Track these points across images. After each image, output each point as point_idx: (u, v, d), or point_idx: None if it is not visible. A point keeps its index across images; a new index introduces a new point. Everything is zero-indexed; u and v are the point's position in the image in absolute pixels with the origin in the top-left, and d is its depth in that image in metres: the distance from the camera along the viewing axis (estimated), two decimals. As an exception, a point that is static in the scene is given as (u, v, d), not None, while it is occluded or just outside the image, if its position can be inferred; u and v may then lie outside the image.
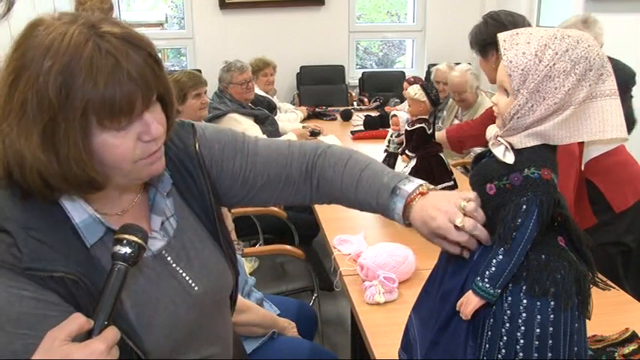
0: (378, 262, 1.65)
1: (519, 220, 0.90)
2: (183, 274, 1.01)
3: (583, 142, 0.95)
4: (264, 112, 3.59)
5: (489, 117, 2.24)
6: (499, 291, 0.92)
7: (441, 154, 2.11)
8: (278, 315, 1.81)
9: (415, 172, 2.05)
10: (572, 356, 0.93)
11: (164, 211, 1.02)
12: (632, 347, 1.29)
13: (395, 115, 2.36)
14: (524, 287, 0.92)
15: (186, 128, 1.09)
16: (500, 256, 0.91)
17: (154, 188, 1.01)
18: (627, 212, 2.06)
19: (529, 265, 0.92)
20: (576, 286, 0.93)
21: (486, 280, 0.92)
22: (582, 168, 1.98)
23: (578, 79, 0.90)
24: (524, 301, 0.92)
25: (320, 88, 5.59)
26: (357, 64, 6.24)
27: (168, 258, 1.00)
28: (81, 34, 0.81)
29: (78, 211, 0.89)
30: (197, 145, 1.07)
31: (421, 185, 1.04)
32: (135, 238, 0.82)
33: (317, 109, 4.56)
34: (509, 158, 0.93)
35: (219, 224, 1.08)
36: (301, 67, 5.70)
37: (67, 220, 0.89)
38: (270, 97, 4.17)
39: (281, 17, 5.58)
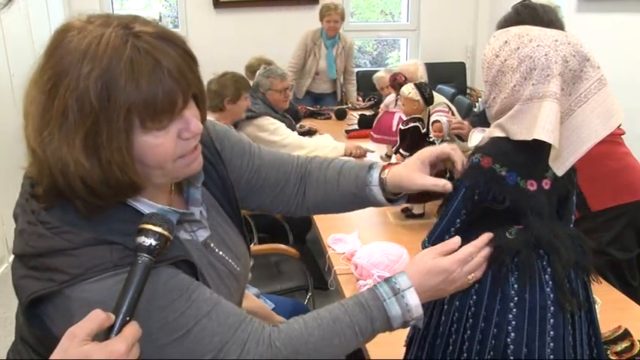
0: (372, 260, 1.66)
1: (452, 194, 1.01)
2: (226, 258, 1.05)
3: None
4: (291, 122, 3.56)
5: None
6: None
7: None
8: (272, 310, 1.81)
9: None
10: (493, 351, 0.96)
11: (198, 202, 1.03)
12: (624, 345, 1.30)
13: (437, 121, 2.27)
14: None
15: None
16: (437, 219, 1.05)
17: (186, 181, 1.02)
18: (603, 213, 1.97)
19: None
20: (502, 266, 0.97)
21: (427, 238, 1.05)
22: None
23: (524, 77, 0.93)
24: None
25: (314, 87, 5.57)
26: (351, 63, 6.25)
27: (212, 245, 1.03)
28: (117, 36, 0.79)
29: (145, 207, 0.90)
30: (210, 135, 1.09)
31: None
32: (161, 230, 0.78)
33: (311, 108, 4.56)
34: (472, 142, 1.02)
35: (239, 209, 1.12)
36: (295, 66, 5.68)
37: (142, 216, 0.89)
38: (297, 107, 4.13)
39: (275, 16, 5.57)
